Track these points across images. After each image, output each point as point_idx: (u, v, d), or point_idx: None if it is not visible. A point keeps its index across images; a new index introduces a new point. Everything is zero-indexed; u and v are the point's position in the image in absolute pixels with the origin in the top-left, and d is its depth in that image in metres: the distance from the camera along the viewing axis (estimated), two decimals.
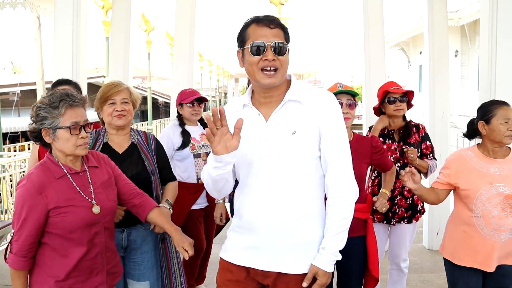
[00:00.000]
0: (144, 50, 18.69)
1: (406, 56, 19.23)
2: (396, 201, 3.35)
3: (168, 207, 2.66)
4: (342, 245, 1.95)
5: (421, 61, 17.31)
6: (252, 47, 1.84)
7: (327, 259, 1.90)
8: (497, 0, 3.90)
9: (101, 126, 2.79)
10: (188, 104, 3.75)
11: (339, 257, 1.95)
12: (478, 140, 2.81)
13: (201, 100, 3.79)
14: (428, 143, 3.46)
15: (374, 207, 2.90)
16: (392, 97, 3.35)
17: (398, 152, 3.37)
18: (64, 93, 2.08)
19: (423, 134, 3.45)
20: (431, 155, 3.46)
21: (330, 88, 2.87)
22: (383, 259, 3.60)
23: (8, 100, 20.26)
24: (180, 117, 3.85)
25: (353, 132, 2.91)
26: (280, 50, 1.84)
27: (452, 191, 2.78)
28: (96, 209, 2.15)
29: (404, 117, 3.48)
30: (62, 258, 2.09)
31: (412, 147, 3.35)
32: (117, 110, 2.62)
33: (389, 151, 3.35)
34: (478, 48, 13.71)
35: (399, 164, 3.35)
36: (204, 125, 3.86)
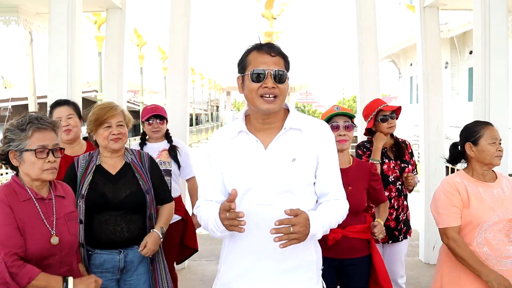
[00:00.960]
0: (137, 65, 18.73)
1: (397, 68, 19.38)
2: (400, 219, 3.34)
3: (160, 236, 2.62)
4: (327, 230, 1.93)
5: (411, 73, 17.45)
6: (253, 74, 1.87)
7: (316, 220, 1.83)
8: (489, 13, 3.94)
9: (95, 148, 2.75)
10: (145, 122, 3.69)
11: (318, 234, 1.87)
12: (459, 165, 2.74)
13: (161, 118, 3.71)
14: (413, 159, 3.49)
15: (372, 233, 2.75)
16: (384, 115, 3.32)
17: (397, 171, 3.35)
18: (33, 116, 2.06)
19: (410, 151, 3.48)
20: (415, 170, 3.47)
21: (328, 110, 2.87)
22: None
23: None
24: (144, 134, 3.80)
25: (352, 156, 2.88)
26: (280, 78, 1.87)
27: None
28: (54, 240, 2.06)
29: (391, 134, 3.45)
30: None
31: (408, 165, 3.37)
32: (113, 134, 2.59)
33: (389, 170, 3.31)
34: (468, 60, 13.92)
35: (399, 183, 3.33)
36: (169, 139, 3.77)
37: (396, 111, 3.37)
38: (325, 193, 1.99)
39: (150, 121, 3.67)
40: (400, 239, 3.36)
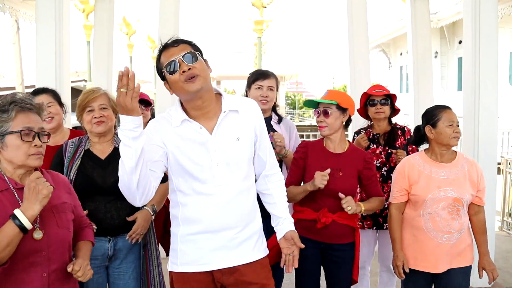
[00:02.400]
0: (126, 54, 18.58)
1: (387, 57, 19.43)
2: (385, 205, 3.35)
3: (151, 213, 2.63)
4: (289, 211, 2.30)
5: (401, 62, 17.51)
6: (167, 68, 1.97)
7: (292, 225, 2.24)
8: (479, 1, 3.95)
9: (82, 135, 2.72)
10: None
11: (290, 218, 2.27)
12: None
13: (146, 103, 3.68)
14: (414, 145, 3.48)
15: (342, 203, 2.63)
16: (373, 100, 3.37)
17: (383, 156, 3.37)
18: (16, 97, 1.86)
19: (408, 137, 3.47)
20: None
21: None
22: (372, 261, 3.63)
23: None
24: None
25: (348, 141, 2.87)
26: (191, 59, 1.97)
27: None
28: (37, 234, 1.80)
29: (390, 121, 3.48)
30: None
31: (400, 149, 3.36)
32: (95, 117, 2.56)
33: (374, 156, 3.32)
34: (457, 49, 13.99)
35: (385, 168, 3.36)
36: None
37: (393, 98, 3.40)
38: (263, 162, 2.24)
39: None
40: (384, 227, 3.38)
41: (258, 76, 3.16)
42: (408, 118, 5.33)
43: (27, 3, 6.14)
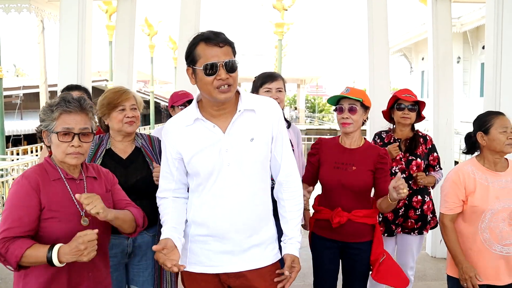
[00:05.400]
0: (147, 54, 18.74)
1: (408, 62, 19.22)
2: (400, 213, 3.34)
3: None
4: (299, 233, 2.17)
5: (423, 67, 17.31)
6: (205, 68, 1.92)
7: (296, 247, 2.11)
8: (502, 7, 3.89)
9: (104, 132, 2.76)
10: (180, 107, 3.69)
11: (299, 244, 2.15)
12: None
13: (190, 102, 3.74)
14: (435, 154, 3.42)
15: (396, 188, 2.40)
16: (401, 104, 3.31)
17: (404, 163, 3.33)
18: (64, 98, 2.02)
19: (430, 146, 3.41)
20: (437, 166, 3.44)
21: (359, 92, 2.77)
22: None
23: (11, 103, 20.31)
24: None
25: (364, 138, 2.84)
26: (231, 68, 1.94)
27: None
28: (84, 222, 2.01)
29: (412, 127, 3.43)
30: (42, 269, 1.93)
31: (418, 159, 3.32)
32: (128, 117, 2.60)
33: (393, 162, 3.30)
34: (481, 55, 13.77)
35: (404, 175, 3.32)
36: None
37: (420, 106, 3.34)
38: (278, 165, 2.14)
39: (185, 107, 3.62)
40: (398, 232, 3.36)
41: (266, 79, 3.13)
42: (428, 123, 5.26)
43: (52, 3, 6.27)
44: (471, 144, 2.74)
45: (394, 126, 3.47)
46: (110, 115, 2.62)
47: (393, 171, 3.26)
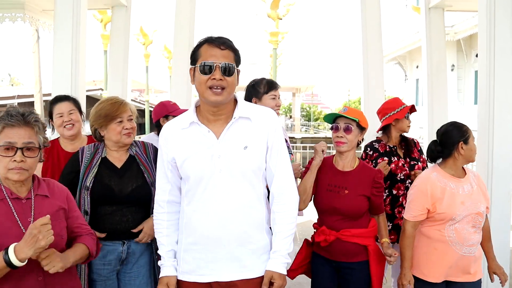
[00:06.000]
0: (142, 64, 18.75)
1: (403, 70, 19.30)
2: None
3: None
4: (291, 248, 2.09)
5: (417, 75, 17.39)
6: (202, 66, 1.96)
7: (280, 262, 2.05)
8: (494, 16, 3.92)
9: (97, 142, 2.74)
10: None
11: (289, 259, 2.09)
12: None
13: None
14: (423, 156, 3.49)
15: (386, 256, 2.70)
16: (407, 114, 3.39)
17: (407, 168, 3.34)
18: (8, 112, 1.92)
19: (419, 149, 3.50)
20: (427, 167, 3.46)
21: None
22: (386, 275, 3.58)
23: None
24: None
25: (358, 158, 2.81)
26: (228, 71, 1.96)
27: None
28: None
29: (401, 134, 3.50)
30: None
31: (418, 163, 3.38)
32: (126, 128, 2.60)
33: (397, 169, 3.30)
34: (474, 63, 13.85)
35: (409, 181, 3.32)
36: None
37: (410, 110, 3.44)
38: (272, 175, 2.10)
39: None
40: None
41: (271, 86, 3.18)
42: (422, 131, 5.28)
43: (46, 13, 6.26)
44: (437, 153, 2.77)
45: (383, 134, 3.48)
46: (108, 126, 2.60)
47: (398, 178, 3.30)
